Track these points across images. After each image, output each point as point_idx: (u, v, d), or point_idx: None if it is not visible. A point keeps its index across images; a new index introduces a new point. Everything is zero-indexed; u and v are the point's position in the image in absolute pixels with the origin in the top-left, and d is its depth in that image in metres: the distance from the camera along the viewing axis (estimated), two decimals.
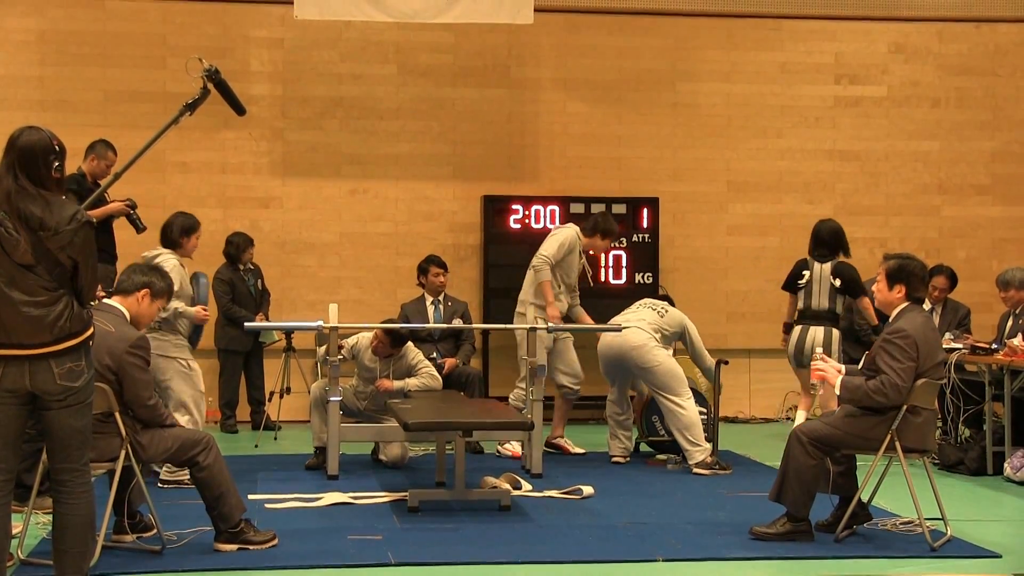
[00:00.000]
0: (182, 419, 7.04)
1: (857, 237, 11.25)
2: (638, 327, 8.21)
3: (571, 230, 8.70)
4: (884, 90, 11.85)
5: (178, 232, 7.52)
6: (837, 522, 5.99)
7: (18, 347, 4.43)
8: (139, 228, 8.37)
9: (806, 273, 8.67)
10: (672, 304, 8.69)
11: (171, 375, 7.22)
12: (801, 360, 8.55)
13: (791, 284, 8.80)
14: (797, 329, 8.66)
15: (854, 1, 11.79)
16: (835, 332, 8.57)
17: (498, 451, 8.72)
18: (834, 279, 8.56)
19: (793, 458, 5.88)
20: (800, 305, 8.72)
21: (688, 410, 8.06)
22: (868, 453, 5.89)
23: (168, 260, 7.26)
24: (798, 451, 5.87)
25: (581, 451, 8.80)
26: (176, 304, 7.20)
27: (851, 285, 8.59)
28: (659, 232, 11.08)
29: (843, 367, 6.08)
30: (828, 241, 8.65)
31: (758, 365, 11.11)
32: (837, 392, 5.89)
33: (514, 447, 8.51)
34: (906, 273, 5.94)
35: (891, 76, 11.86)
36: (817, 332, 8.50)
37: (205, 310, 7.47)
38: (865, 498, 6.11)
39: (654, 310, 8.41)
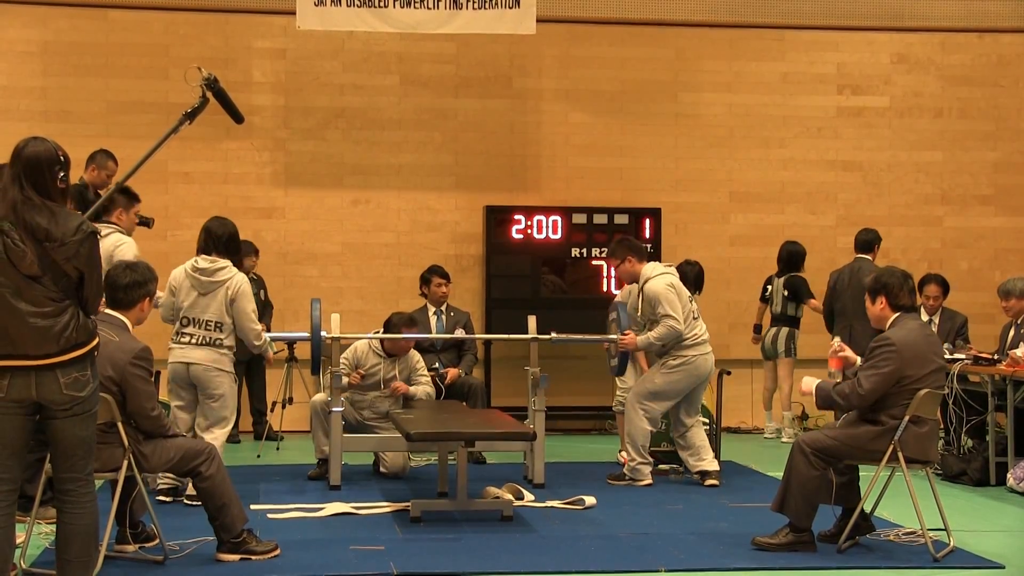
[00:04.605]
0: (220, 432, 6.98)
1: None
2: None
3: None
4: (887, 100, 11.86)
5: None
6: (840, 533, 5.98)
7: (24, 358, 4.43)
8: (148, 224, 8.37)
9: (769, 287, 10.71)
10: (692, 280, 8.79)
11: (226, 389, 7.05)
12: (765, 353, 10.70)
13: (763, 295, 10.84)
14: (765, 330, 10.77)
15: (856, 11, 11.81)
16: (784, 330, 10.54)
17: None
18: (784, 290, 10.48)
19: (796, 469, 5.88)
20: (768, 312, 10.75)
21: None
22: (871, 464, 5.89)
23: (243, 279, 7.17)
24: (801, 462, 5.87)
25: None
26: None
27: (795, 293, 10.50)
28: (661, 243, 11.08)
29: (859, 359, 6.15)
30: (784, 260, 10.61)
31: (761, 375, 11.07)
32: (808, 391, 6.09)
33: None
34: (881, 284, 6.01)
35: (893, 86, 11.88)
36: (773, 330, 10.59)
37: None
38: (868, 509, 6.10)
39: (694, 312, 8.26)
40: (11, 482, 4.53)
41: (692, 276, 9.02)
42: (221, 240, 7.13)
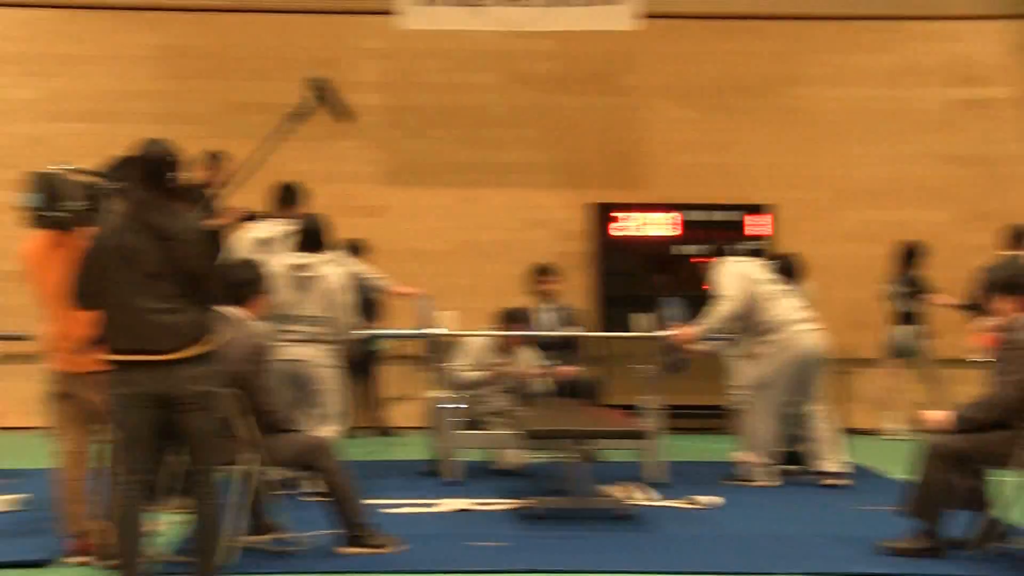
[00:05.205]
0: (330, 429, 6.93)
1: (976, 244, 10.90)
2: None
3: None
4: (1006, 91, 11.50)
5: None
6: (971, 539, 5.80)
7: (151, 353, 4.53)
8: (253, 219, 8.45)
9: (891, 286, 10.59)
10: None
11: (333, 384, 7.04)
12: (898, 351, 10.58)
13: (887, 294, 10.65)
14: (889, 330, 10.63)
15: (973, 0, 11.47)
16: (911, 328, 10.53)
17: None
18: (905, 287, 10.48)
19: (926, 473, 5.71)
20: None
21: None
22: (1003, 468, 5.68)
23: (336, 270, 7.17)
24: (931, 466, 5.70)
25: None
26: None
27: (917, 290, 10.52)
28: (772, 240, 10.88)
29: None
30: (904, 257, 10.52)
31: (883, 375, 10.80)
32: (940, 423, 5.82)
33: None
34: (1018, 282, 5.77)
35: (1014, 76, 11.50)
36: (900, 329, 10.52)
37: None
38: (1001, 514, 5.89)
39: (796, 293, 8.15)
40: (142, 473, 4.64)
41: (780, 267, 8.74)
42: (311, 235, 7.16)
